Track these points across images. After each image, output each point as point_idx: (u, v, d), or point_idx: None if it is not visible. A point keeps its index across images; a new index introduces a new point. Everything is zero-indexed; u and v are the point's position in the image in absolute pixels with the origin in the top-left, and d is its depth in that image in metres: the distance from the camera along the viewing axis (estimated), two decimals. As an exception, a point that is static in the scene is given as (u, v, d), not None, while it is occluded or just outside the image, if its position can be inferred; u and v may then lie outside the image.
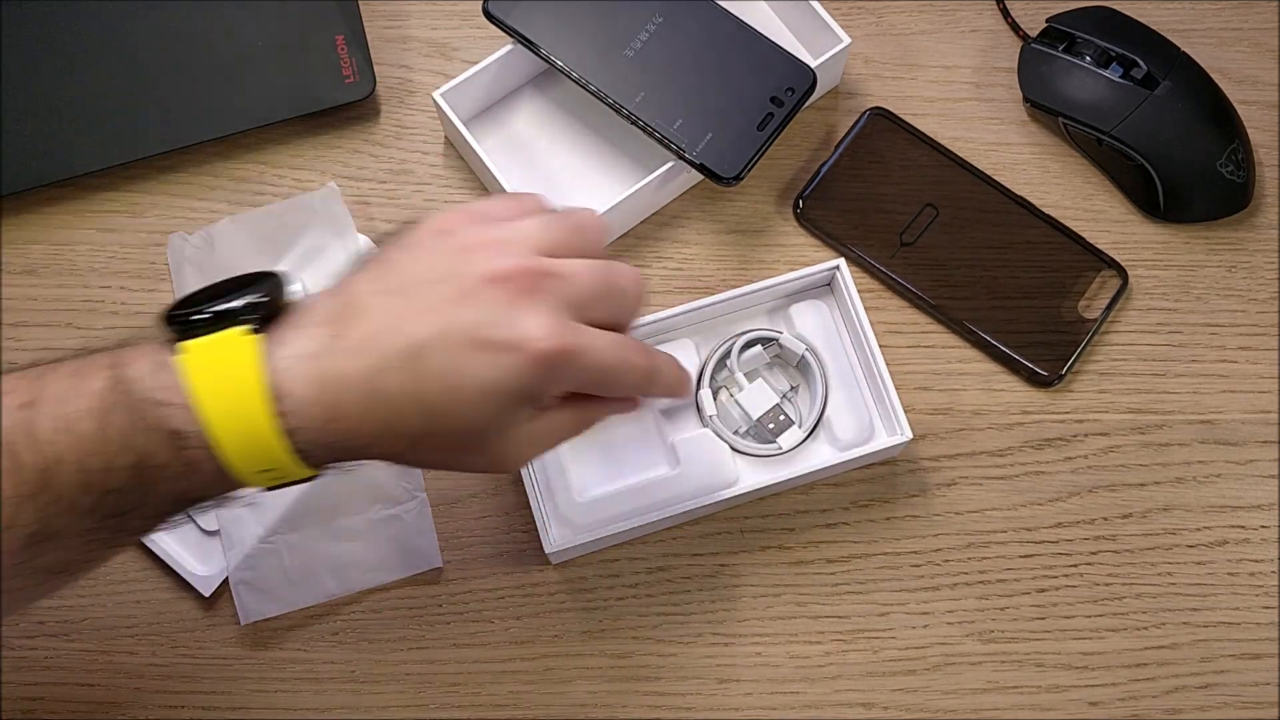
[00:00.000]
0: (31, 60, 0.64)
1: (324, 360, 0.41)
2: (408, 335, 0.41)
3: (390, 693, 0.57)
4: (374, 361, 0.40)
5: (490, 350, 0.40)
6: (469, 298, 0.41)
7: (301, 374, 0.40)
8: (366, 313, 0.41)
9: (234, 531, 0.58)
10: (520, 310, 0.41)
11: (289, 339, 0.41)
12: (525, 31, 0.61)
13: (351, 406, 0.41)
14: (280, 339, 0.41)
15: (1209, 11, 0.67)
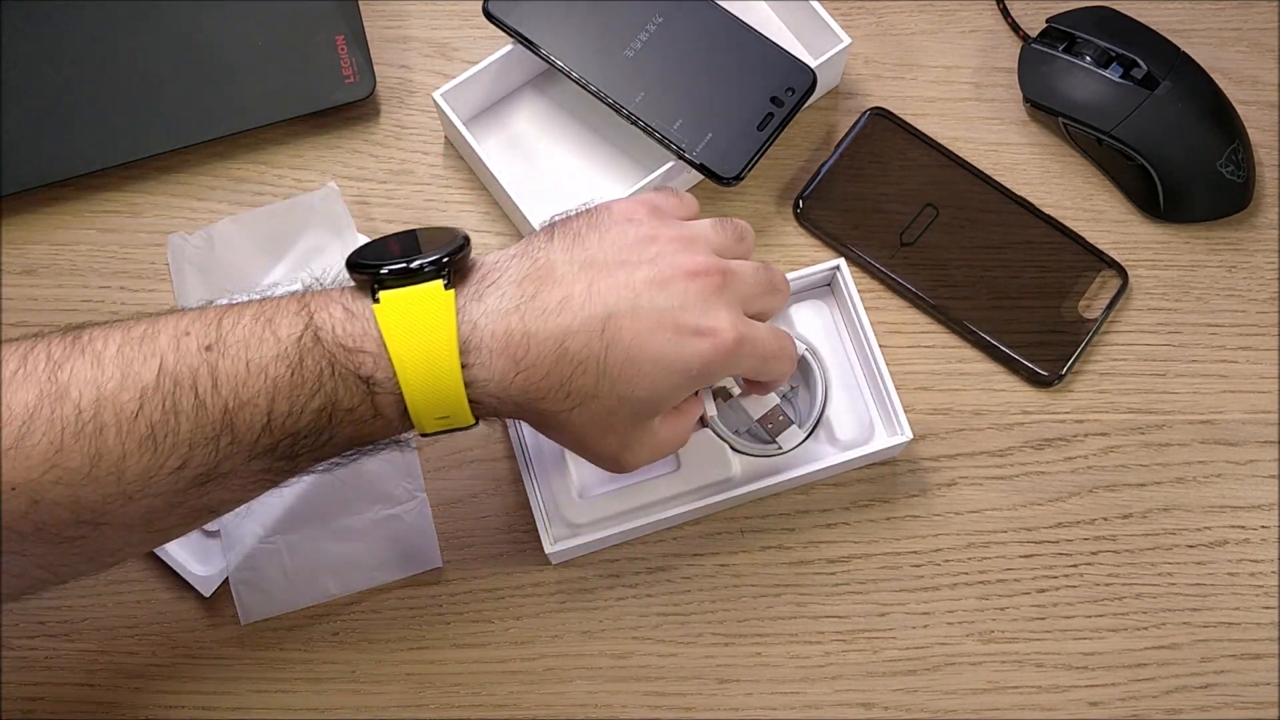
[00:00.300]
0: (32, 60, 0.64)
1: (517, 316, 0.45)
2: (604, 305, 0.45)
3: (390, 693, 0.57)
4: (566, 322, 0.45)
5: (683, 334, 0.45)
6: (667, 284, 0.46)
7: (495, 328, 0.44)
8: (562, 279, 0.45)
9: (234, 531, 0.58)
10: (713, 304, 0.46)
11: (485, 294, 0.45)
12: (525, 31, 0.61)
13: (538, 360, 0.44)
14: (476, 294, 0.45)
15: (1209, 11, 0.67)
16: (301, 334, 0.44)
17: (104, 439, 0.42)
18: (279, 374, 0.43)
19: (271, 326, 0.44)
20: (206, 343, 0.43)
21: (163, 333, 0.44)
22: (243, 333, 0.44)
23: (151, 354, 0.43)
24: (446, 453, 0.60)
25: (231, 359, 0.43)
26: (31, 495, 0.41)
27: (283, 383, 0.43)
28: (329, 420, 0.44)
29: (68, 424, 0.42)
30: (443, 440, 0.60)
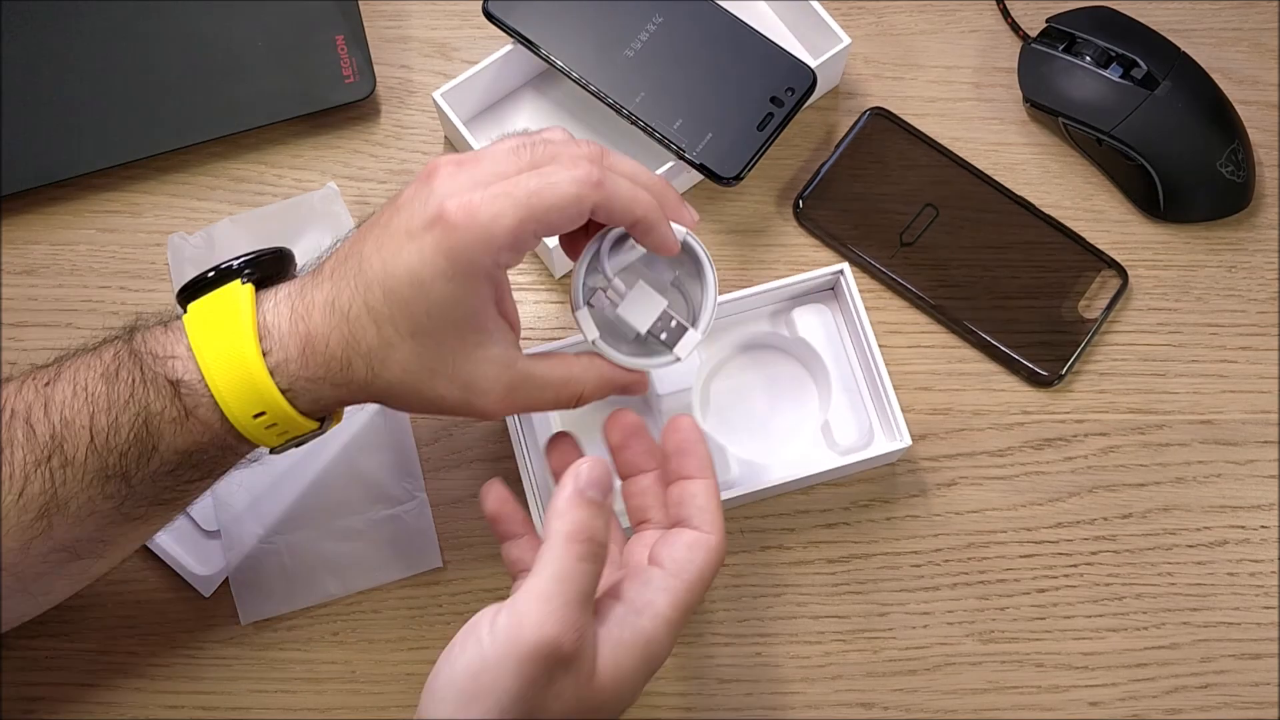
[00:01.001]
0: (32, 60, 0.64)
1: (300, 294, 0.45)
2: (356, 253, 0.44)
3: (390, 693, 0.57)
4: (334, 282, 0.44)
5: (414, 233, 0.42)
6: (402, 205, 0.44)
7: (284, 310, 0.45)
8: (338, 250, 0.46)
9: (234, 531, 0.58)
10: (440, 189, 0.43)
11: (281, 288, 0.46)
12: (525, 31, 0.61)
13: (319, 328, 0.44)
14: (274, 290, 0.46)
15: (1209, 11, 0.67)
16: (119, 350, 0.45)
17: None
18: (97, 390, 0.44)
19: (98, 352, 0.46)
20: (46, 379, 0.45)
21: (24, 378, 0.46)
22: (77, 363, 0.46)
23: (7, 398, 0.45)
24: (446, 453, 0.60)
25: (62, 385, 0.45)
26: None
27: (100, 397, 0.44)
28: (146, 429, 0.44)
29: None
30: (442, 440, 0.60)
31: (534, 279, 0.63)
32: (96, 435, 0.44)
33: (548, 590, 0.39)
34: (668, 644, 0.43)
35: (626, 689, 0.42)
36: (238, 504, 0.58)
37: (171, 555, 0.57)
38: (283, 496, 0.58)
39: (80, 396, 0.45)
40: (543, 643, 0.38)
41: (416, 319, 0.43)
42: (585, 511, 0.41)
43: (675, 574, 0.43)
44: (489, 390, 0.45)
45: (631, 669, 0.41)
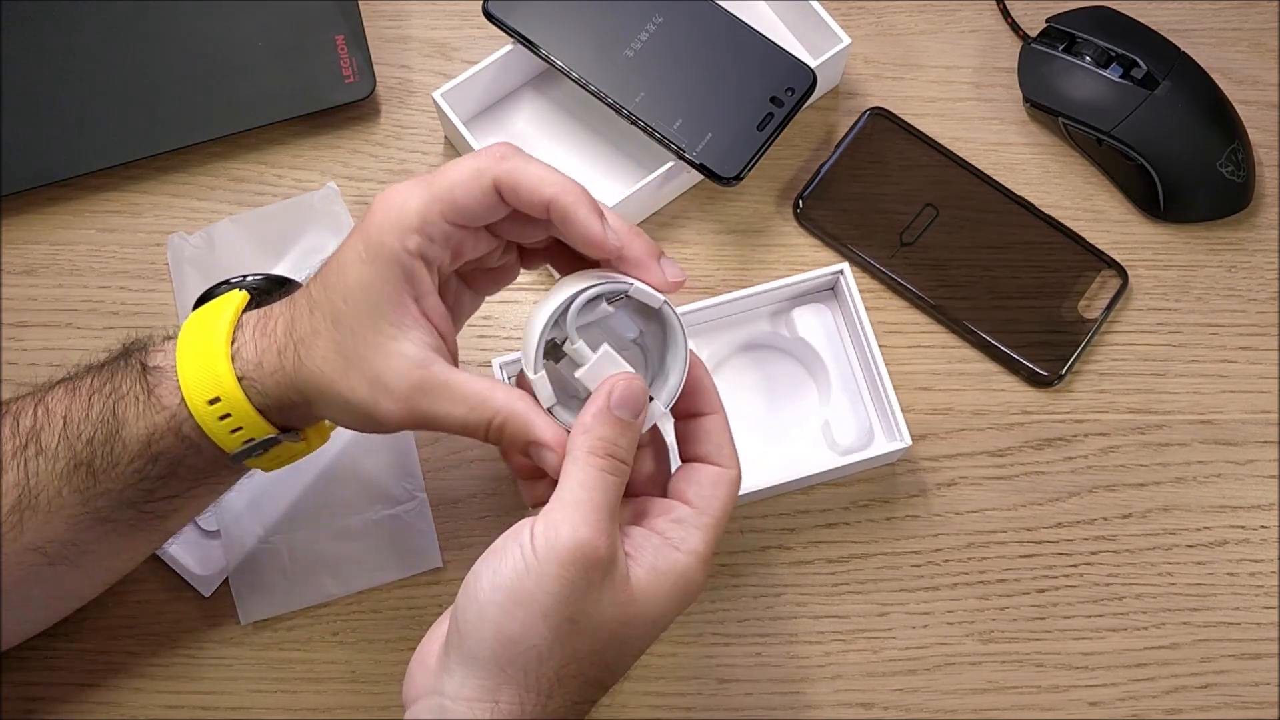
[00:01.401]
0: (32, 60, 0.64)
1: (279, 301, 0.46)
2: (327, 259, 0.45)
3: (390, 693, 0.57)
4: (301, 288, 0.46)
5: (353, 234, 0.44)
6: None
7: (258, 310, 0.46)
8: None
9: (234, 531, 0.58)
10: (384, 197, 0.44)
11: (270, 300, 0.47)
12: (525, 31, 0.61)
13: (274, 314, 0.45)
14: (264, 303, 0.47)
15: (1209, 11, 0.67)
16: (117, 354, 0.47)
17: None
18: (84, 383, 0.46)
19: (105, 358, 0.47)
20: (61, 377, 0.48)
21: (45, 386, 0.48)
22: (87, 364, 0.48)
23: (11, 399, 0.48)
24: (446, 452, 0.60)
25: (64, 386, 0.47)
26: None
27: (82, 386, 0.46)
28: (114, 412, 0.45)
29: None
30: (442, 440, 0.60)
31: (534, 278, 0.63)
32: (69, 422, 0.45)
33: (577, 498, 0.41)
34: (701, 580, 0.43)
35: (660, 612, 0.42)
36: (238, 504, 0.58)
37: (171, 555, 0.57)
38: (283, 496, 0.58)
39: (70, 392, 0.46)
40: (578, 546, 0.40)
41: (335, 304, 0.43)
42: (611, 428, 0.42)
43: (704, 510, 0.44)
44: (395, 386, 0.43)
45: (666, 594, 0.42)
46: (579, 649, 0.41)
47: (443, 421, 0.43)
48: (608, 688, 0.43)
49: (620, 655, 0.43)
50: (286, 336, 0.44)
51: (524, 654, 0.40)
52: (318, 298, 0.44)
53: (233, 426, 0.45)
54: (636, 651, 0.43)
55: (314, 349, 0.44)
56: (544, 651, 0.40)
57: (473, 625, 0.40)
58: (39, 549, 0.47)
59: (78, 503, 0.46)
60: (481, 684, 0.40)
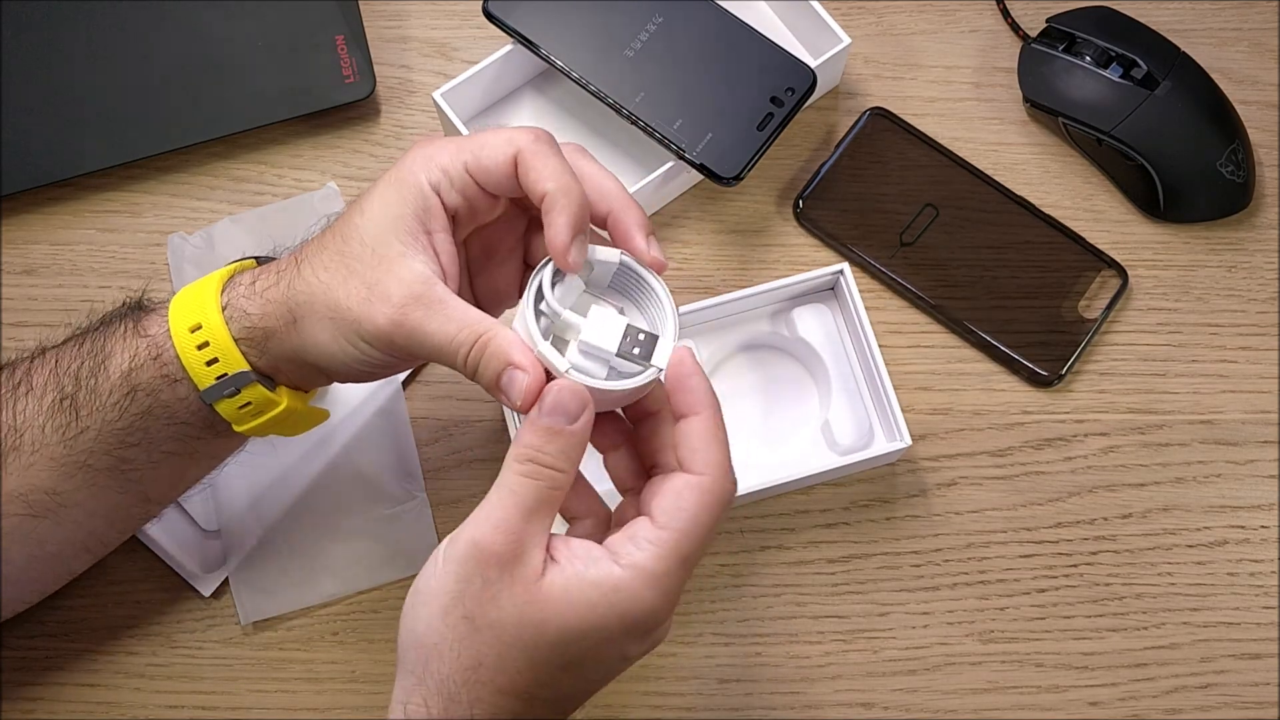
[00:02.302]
0: (32, 60, 0.64)
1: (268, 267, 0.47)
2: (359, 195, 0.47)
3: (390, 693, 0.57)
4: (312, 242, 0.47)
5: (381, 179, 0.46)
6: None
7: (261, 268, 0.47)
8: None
9: (234, 531, 0.58)
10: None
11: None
12: (525, 31, 0.61)
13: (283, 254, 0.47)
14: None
15: (1209, 11, 0.67)
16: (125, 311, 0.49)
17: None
18: (85, 330, 0.48)
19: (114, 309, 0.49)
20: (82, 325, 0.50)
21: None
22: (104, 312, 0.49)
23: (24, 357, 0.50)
24: (446, 453, 0.60)
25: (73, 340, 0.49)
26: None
27: (81, 329, 0.48)
28: (104, 347, 0.47)
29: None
30: (442, 440, 0.60)
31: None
32: (60, 361, 0.47)
33: (489, 501, 0.41)
34: (648, 597, 0.40)
35: (578, 622, 0.40)
36: (238, 504, 0.58)
37: (171, 555, 0.57)
38: (283, 496, 0.58)
39: (74, 340, 0.48)
40: (473, 543, 0.40)
41: (351, 220, 0.45)
42: (537, 435, 0.41)
43: (663, 525, 0.41)
44: (393, 293, 0.43)
45: (587, 604, 0.40)
46: (481, 651, 0.40)
47: (431, 337, 0.43)
48: (539, 705, 0.41)
49: (531, 664, 0.40)
50: (290, 260, 0.46)
51: (428, 654, 0.40)
52: (334, 227, 0.46)
53: (209, 357, 0.45)
54: (556, 665, 0.40)
55: (317, 261, 0.45)
56: (445, 650, 0.40)
57: (400, 628, 0.42)
58: (21, 496, 0.47)
59: (57, 441, 0.46)
60: (402, 685, 0.42)
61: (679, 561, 0.41)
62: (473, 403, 0.60)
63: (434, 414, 0.60)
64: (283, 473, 0.59)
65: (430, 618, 0.40)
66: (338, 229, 0.46)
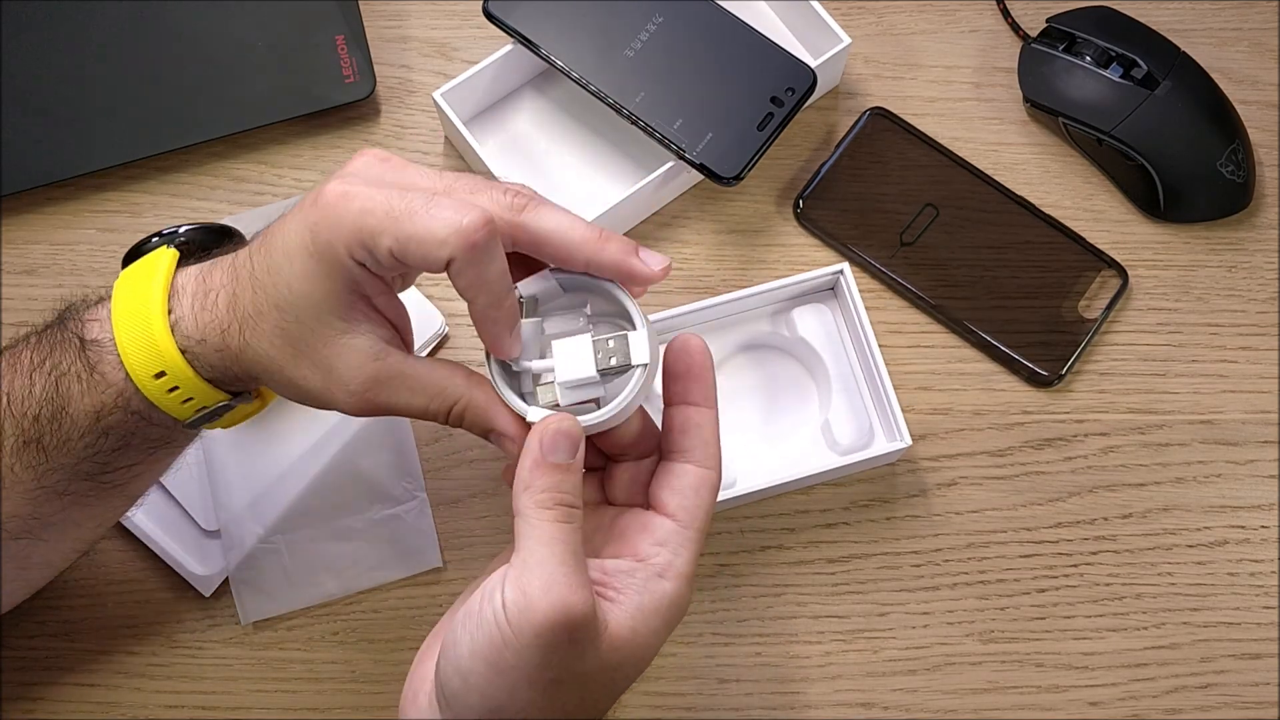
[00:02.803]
0: (32, 60, 0.64)
1: (215, 260, 0.44)
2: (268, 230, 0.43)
3: (390, 693, 0.57)
4: (247, 248, 0.44)
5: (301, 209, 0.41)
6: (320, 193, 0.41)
7: (193, 272, 0.44)
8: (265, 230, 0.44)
9: (234, 531, 0.58)
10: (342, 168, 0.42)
11: (209, 255, 0.45)
12: (525, 31, 0.61)
13: (214, 285, 0.43)
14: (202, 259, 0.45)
15: (1209, 11, 0.67)
16: (50, 320, 0.46)
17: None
18: (23, 357, 0.45)
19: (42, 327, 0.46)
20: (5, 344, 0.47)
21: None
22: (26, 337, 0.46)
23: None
24: (446, 453, 0.60)
25: (6, 359, 0.46)
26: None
27: (22, 360, 0.45)
28: (56, 388, 0.44)
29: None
30: (443, 440, 0.60)
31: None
32: (13, 400, 0.44)
33: (540, 558, 0.39)
34: (688, 595, 0.42)
35: (645, 649, 0.41)
36: (238, 504, 0.58)
37: (171, 555, 0.57)
38: (283, 496, 0.58)
39: (10, 367, 0.45)
40: (552, 611, 0.38)
41: (280, 290, 0.42)
42: (550, 476, 0.40)
43: (688, 524, 0.42)
44: (349, 379, 0.42)
45: (654, 631, 0.41)
46: (567, 702, 0.40)
47: (403, 410, 0.43)
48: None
49: (609, 695, 0.42)
50: (229, 313, 0.43)
51: (512, 717, 0.39)
52: (261, 276, 0.42)
53: (183, 397, 0.44)
54: (626, 686, 0.42)
55: (260, 331, 0.42)
56: (533, 714, 0.39)
57: (458, 692, 0.40)
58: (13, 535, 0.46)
59: (31, 478, 0.45)
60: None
61: (698, 547, 0.43)
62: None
63: (434, 414, 0.60)
64: (283, 473, 0.59)
65: (515, 688, 0.39)
66: (268, 290, 0.42)
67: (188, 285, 0.44)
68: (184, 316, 0.43)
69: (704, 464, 0.43)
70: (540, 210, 0.42)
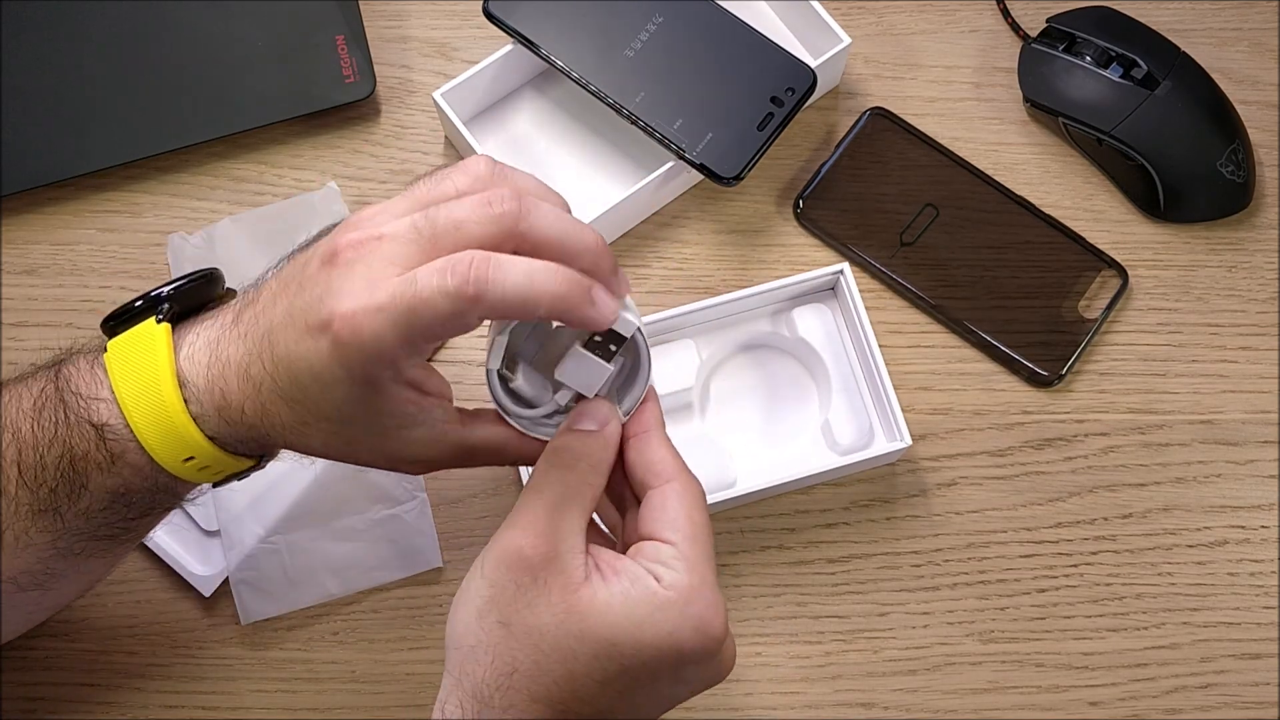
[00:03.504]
0: (32, 60, 0.64)
1: (217, 346, 0.42)
2: (266, 321, 0.41)
3: (390, 693, 0.57)
4: (248, 347, 0.42)
5: (311, 334, 0.39)
6: (307, 280, 0.40)
7: (200, 360, 0.42)
8: (258, 299, 0.42)
9: (234, 531, 0.58)
10: (332, 283, 0.38)
11: (201, 326, 0.44)
12: (525, 31, 0.61)
13: (235, 393, 0.42)
14: (193, 326, 0.44)
15: (1209, 11, 0.67)
16: (44, 388, 0.44)
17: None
18: (22, 428, 0.44)
19: (28, 385, 0.45)
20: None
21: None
22: (9, 394, 0.45)
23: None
24: (446, 453, 0.60)
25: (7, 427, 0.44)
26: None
27: (25, 436, 0.43)
28: (73, 469, 0.43)
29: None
30: (443, 440, 0.60)
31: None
32: (25, 471, 0.43)
33: (520, 503, 0.40)
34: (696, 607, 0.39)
35: (621, 632, 0.39)
36: (238, 504, 0.58)
37: (171, 555, 0.57)
38: (283, 496, 0.58)
39: (9, 432, 0.44)
40: (504, 547, 0.39)
41: (325, 411, 0.41)
42: (567, 436, 0.42)
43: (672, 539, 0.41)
44: (414, 462, 0.44)
45: (633, 622, 0.39)
46: (517, 657, 0.39)
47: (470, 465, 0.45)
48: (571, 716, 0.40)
49: (569, 675, 0.39)
50: (264, 423, 0.42)
51: (464, 656, 0.40)
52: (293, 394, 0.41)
53: (214, 472, 0.44)
54: (596, 679, 0.39)
55: (309, 437, 0.42)
56: (480, 654, 0.39)
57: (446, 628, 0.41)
58: (11, 580, 0.46)
59: (46, 542, 0.45)
60: (444, 685, 0.41)
61: (706, 562, 0.41)
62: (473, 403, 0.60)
63: (434, 414, 0.60)
64: (283, 473, 0.58)
65: (466, 619, 0.40)
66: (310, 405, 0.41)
67: (196, 378, 0.42)
68: (204, 415, 0.42)
69: (663, 480, 0.42)
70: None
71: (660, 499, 0.42)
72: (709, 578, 0.40)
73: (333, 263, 0.39)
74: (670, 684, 0.41)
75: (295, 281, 0.41)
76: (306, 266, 0.40)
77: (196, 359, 0.43)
